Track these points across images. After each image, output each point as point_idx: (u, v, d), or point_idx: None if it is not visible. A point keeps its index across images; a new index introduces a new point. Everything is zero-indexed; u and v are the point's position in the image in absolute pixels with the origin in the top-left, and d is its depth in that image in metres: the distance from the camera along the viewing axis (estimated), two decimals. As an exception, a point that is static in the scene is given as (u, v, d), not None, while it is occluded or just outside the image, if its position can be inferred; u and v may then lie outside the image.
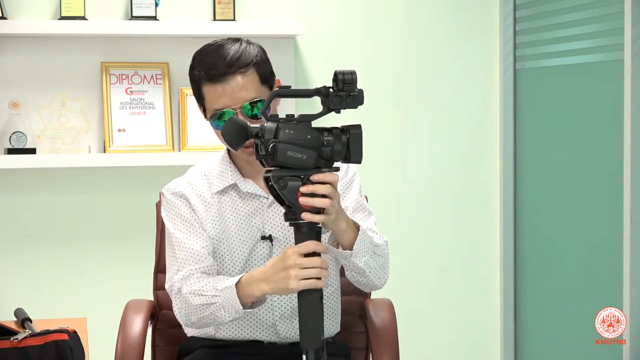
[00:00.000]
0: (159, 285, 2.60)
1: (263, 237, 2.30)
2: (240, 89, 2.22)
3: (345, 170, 2.37)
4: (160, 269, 2.61)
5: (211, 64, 2.24)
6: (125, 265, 3.58)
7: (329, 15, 3.71)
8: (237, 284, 2.14)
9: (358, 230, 2.17)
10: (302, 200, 1.96)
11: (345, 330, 2.51)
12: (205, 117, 2.31)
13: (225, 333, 2.35)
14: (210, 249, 2.28)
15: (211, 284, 2.19)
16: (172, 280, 2.26)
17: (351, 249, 2.15)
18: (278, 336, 2.33)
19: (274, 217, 2.31)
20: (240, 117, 2.21)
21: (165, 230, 2.35)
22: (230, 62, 2.23)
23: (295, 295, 2.27)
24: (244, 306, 2.13)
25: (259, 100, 2.23)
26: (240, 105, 2.22)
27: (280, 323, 2.33)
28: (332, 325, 2.41)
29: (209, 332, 2.37)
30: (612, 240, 3.21)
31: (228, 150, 2.36)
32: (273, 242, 2.30)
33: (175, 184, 2.36)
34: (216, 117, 2.25)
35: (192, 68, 2.29)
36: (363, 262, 2.19)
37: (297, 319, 2.30)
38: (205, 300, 2.18)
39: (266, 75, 2.28)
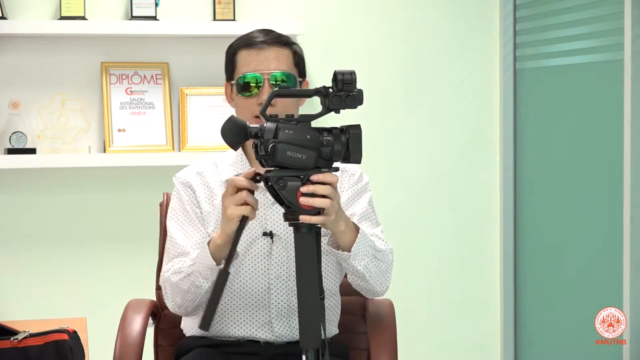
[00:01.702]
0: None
1: (264, 234, 2.31)
2: (274, 59, 2.31)
3: (359, 178, 2.38)
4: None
5: (253, 35, 2.34)
6: (125, 265, 3.58)
7: (329, 15, 3.71)
8: (208, 243, 2.18)
9: (358, 232, 2.17)
10: (303, 200, 1.96)
11: (346, 330, 2.50)
12: (229, 93, 2.36)
13: (222, 331, 2.35)
14: (201, 243, 2.29)
15: (189, 260, 2.24)
16: (163, 273, 2.32)
17: (350, 251, 2.16)
18: (274, 334, 2.33)
19: (277, 214, 2.32)
20: (266, 85, 2.28)
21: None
22: (271, 36, 2.34)
23: (293, 293, 2.30)
24: (217, 262, 2.16)
25: (286, 79, 2.29)
26: (269, 72, 2.29)
27: (276, 321, 2.33)
28: (331, 326, 2.41)
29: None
30: (612, 240, 3.21)
31: None
32: (273, 239, 2.31)
33: (185, 174, 2.40)
34: (242, 80, 2.29)
35: (232, 44, 2.38)
36: (362, 265, 2.19)
37: (294, 317, 2.31)
38: (185, 273, 2.22)
39: (300, 65, 2.37)
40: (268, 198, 2.31)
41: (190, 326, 2.42)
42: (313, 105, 2.38)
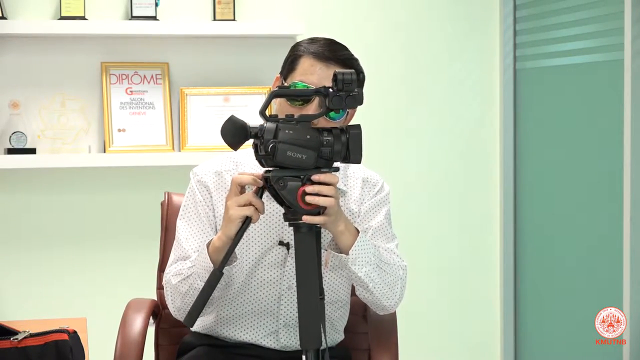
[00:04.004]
0: (161, 284, 2.60)
1: (280, 243, 2.27)
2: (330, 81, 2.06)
3: (380, 189, 2.35)
4: (163, 267, 2.60)
5: (328, 48, 2.20)
6: (125, 264, 3.59)
7: (329, 15, 3.71)
8: (207, 245, 2.15)
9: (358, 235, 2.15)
10: (308, 198, 1.95)
11: (348, 331, 2.50)
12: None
13: (227, 334, 2.34)
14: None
15: (189, 261, 2.21)
16: (165, 275, 2.29)
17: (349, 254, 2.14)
18: (279, 344, 2.32)
19: None
20: (316, 101, 2.11)
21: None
22: (344, 57, 2.21)
23: None
24: (214, 264, 2.11)
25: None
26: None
27: (283, 331, 2.32)
28: (336, 334, 2.41)
29: (210, 326, 2.37)
30: (612, 240, 3.21)
31: None
32: (289, 250, 2.27)
33: (204, 172, 2.31)
34: (293, 87, 2.16)
35: (300, 44, 2.24)
36: (363, 272, 2.16)
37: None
38: (184, 275, 2.20)
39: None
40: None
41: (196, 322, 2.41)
42: (313, 105, 2.36)
